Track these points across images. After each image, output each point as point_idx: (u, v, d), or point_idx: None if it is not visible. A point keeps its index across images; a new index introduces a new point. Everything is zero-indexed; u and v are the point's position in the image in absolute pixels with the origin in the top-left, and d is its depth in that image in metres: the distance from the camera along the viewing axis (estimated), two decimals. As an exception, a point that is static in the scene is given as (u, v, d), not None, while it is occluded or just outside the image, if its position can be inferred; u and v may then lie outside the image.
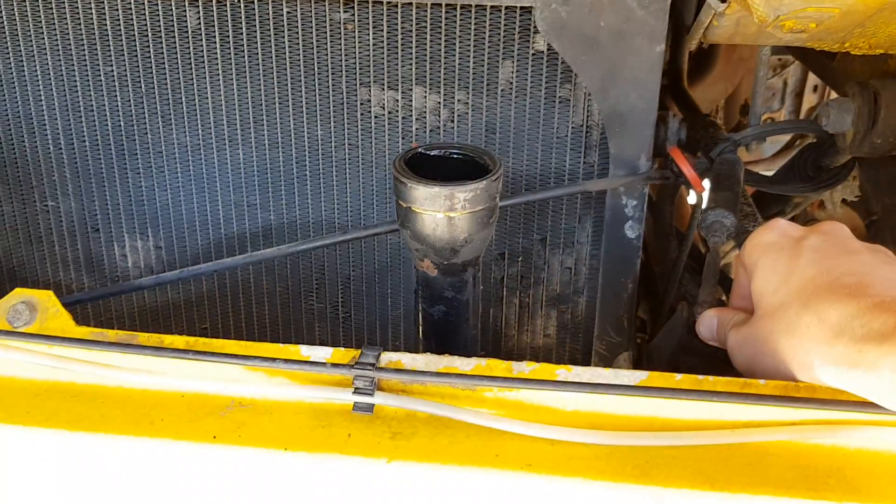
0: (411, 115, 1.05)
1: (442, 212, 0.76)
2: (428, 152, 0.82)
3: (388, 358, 0.74)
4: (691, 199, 1.66)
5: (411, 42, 1.00)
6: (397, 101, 1.04)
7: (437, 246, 0.78)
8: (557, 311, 1.13)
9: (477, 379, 0.71)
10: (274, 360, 0.73)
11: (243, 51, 1.04)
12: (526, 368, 0.73)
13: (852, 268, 0.70)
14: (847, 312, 0.66)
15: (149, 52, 1.05)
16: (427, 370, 0.72)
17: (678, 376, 0.71)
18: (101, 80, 1.08)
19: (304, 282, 1.17)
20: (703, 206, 1.04)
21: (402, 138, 1.06)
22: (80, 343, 0.75)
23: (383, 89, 1.04)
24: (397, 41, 1.01)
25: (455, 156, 0.82)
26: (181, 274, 0.96)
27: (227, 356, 0.73)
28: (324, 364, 0.73)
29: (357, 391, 0.71)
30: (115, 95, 1.09)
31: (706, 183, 1.11)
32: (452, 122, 1.04)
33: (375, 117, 1.05)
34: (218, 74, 1.06)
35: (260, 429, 0.72)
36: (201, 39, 1.04)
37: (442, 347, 0.86)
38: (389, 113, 1.05)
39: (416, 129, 1.05)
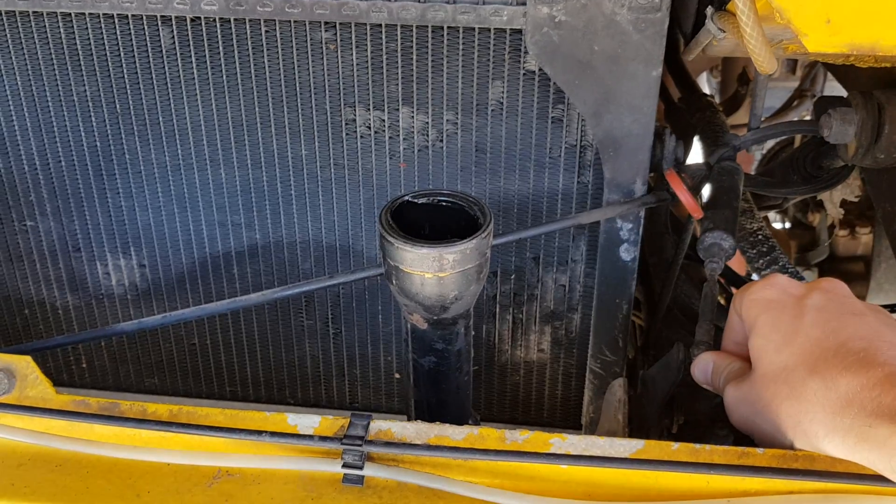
0: (398, 135, 1.01)
1: (430, 272, 0.73)
2: (415, 200, 0.79)
3: (377, 426, 0.72)
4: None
5: (396, 62, 0.96)
6: (383, 120, 1.00)
7: (425, 304, 0.76)
8: (551, 327, 1.11)
9: (468, 452, 0.69)
10: (260, 433, 0.71)
11: (221, 71, 0.99)
12: (519, 438, 0.71)
13: (859, 331, 0.68)
14: (857, 382, 0.64)
15: (122, 72, 1.01)
16: (417, 442, 0.71)
17: (675, 446, 0.70)
18: (73, 101, 1.04)
19: (294, 298, 1.14)
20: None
21: (390, 158, 1.02)
22: (61, 415, 0.74)
23: (368, 109, 0.99)
24: (382, 61, 0.96)
25: (444, 203, 0.79)
26: (164, 319, 0.94)
27: (211, 429, 0.72)
28: (311, 437, 0.71)
29: (346, 465, 0.70)
30: (90, 116, 1.04)
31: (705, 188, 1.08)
32: (441, 141, 1.00)
33: (361, 137, 1.01)
34: (195, 94, 1.01)
35: (249, 501, 0.71)
36: (176, 59, 0.99)
37: (433, 396, 0.84)
38: (376, 133, 1.01)
39: (404, 148, 1.01)
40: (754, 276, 1.36)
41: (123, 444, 0.73)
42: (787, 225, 2.36)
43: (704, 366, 0.83)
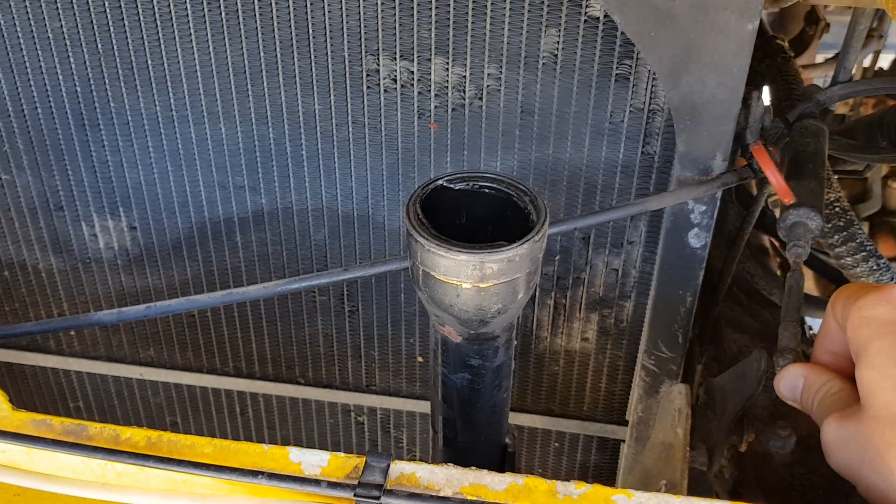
0: (429, 91, 0.85)
1: (469, 283, 0.58)
2: (451, 185, 0.63)
3: (399, 469, 0.59)
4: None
5: (429, 2, 0.79)
6: (412, 72, 0.84)
7: (461, 317, 0.61)
8: (599, 314, 0.97)
9: (512, 511, 0.56)
10: (256, 473, 0.58)
11: (219, 7, 0.83)
12: (574, 492, 0.57)
13: None
14: None
15: (103, 5, 0.85)
16: (448, 493, 0.57)
17: (769, 512, 0.56)
18: (48, 38, 0.88)
19: (305, 272, 1.00)
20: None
21: (418, 117, 0.86)
22: (18, 439, 0.61)
23: (394, 59, 0.83)
24: (412, 1, 0.79)
25: (486, 190, 0.63)
26: (148, 310, 0.80)
27: (196, 466, 0.58)
28: (318, 482, 0.58)
29: (360, 519, 0.56)
30: (67, 56, 0.89)
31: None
32: (480, 99, 0.84)
33: (385, 91, 0.85)
34: (189, 34, 0.85)
35: (241, 557, 0.58)
36: (166, -8, 0.83)
37: (465, 415, 0.70)
38: (402, 87, 0.85)
39: (436, 106, 0.85)
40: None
41: (90, 482, 0.60)
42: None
43: (793, 381, 0.68)
